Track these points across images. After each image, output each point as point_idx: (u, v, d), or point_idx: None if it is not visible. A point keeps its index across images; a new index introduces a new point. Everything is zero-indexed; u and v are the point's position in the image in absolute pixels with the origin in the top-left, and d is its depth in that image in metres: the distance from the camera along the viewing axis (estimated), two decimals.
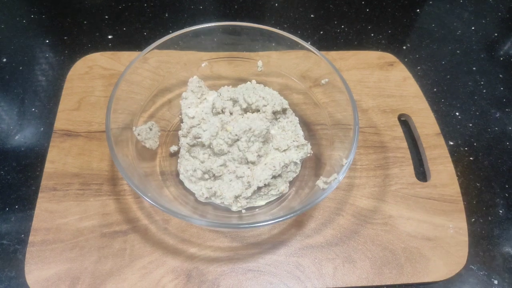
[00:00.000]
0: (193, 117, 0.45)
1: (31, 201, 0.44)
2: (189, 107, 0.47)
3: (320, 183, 0.41)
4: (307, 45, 0.47)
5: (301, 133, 0.48)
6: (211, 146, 0.43)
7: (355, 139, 0.40)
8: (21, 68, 0.58)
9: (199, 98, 0.48)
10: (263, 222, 0.35)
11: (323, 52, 0.62)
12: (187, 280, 0.39)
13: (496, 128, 0.57)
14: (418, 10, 0.76)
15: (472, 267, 0.44)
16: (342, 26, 0.71)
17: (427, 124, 0.54)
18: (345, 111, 0.44)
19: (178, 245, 0.41)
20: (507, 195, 0.50)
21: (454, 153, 0.54)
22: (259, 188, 0.42)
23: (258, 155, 0.42)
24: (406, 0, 0.78)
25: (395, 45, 0.68)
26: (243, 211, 0.43)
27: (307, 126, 0.51)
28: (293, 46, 0.48)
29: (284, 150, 0.45)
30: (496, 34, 0.72)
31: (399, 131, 0.53)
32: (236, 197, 0.42)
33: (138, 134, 0.45)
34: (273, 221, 0.35)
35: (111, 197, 0.44)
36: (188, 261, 0.40)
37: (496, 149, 0.55)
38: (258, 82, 0.51)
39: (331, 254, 0.42)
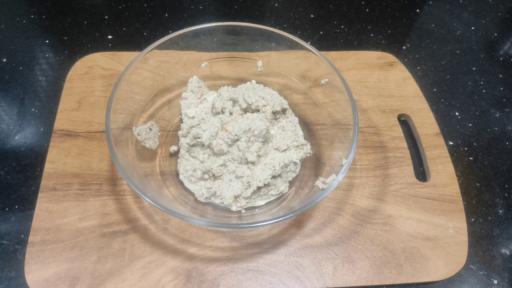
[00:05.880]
0: (193, 117, 0.45)
1: (31, 201, 0.44)
2: (189, 107, 0.47)
3: (319, 183, 0.41)
4: (307, 45, 0.47)
5: (301, 133, 0.48)
6: (211, 146, 0.43)
7: (355, 139, 0.40)
8: (21, 68, 0.58)
9: (199, 98, 0.48)
10: (262, 222, 0.35)
11: (323, 52, 0.62)
12: (187, 280, 0.39)
13: (496, 128, 0.57)
14: (418, 10, 0.76)
15: (472, 267, 0.44)
16: (342, 26, 0.71)
17: (426, 124, 0.54)
18: (345, 111, 0.44)
19: (178, 245, 0.41)
20: (506, 195, 0.50)
21: (454, 153, 0.54)
22: (258, 188, 0.42)
23: (258, 155, 0.42)
24: (406, 0, 0.78)
25: (394, 45, 0.68)
26: (243, 211, 0.43)
27: (307, 126, 0.51)
28: (293, 46, 0.48)
29: (284, 150, 0.45)
30: (496, 34, 0.72)
31: (398, 131, 0.53)
32: (236, 197, 0.42)
33: (138, 134, 0.45)
34: (273, 221, 0.35)
35: (111, 197, 0.44)
36: (188, 261, 0.41)
37: (495, 149, 0.55)
38: (258, 82, 0.51)
39: (330, 254, 0.42)
